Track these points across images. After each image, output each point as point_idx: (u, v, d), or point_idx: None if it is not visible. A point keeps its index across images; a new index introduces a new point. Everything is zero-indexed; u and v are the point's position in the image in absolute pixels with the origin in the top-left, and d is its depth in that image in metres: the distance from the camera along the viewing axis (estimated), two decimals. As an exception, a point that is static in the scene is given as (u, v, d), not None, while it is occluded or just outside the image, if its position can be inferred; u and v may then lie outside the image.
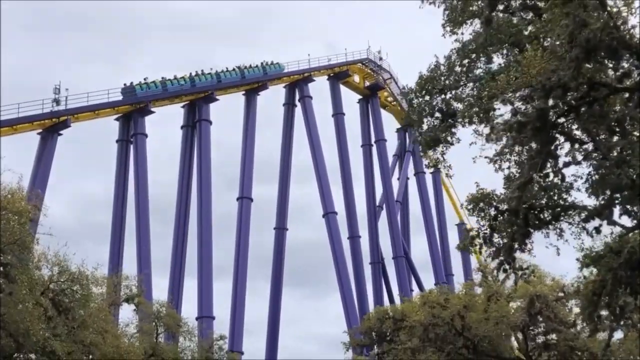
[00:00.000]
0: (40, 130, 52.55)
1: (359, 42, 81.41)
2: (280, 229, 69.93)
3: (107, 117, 58.24)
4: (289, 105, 72.26)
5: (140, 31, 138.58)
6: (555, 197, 16.35)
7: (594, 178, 15.42)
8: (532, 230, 16.38)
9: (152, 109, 59.02)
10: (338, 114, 74.52)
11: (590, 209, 15.81)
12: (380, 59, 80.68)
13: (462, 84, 16.59)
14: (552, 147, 13.46)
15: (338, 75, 75.76)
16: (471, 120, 15.97)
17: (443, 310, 32.39)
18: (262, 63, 68.16)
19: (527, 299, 30.82)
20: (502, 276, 33.68)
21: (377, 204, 77.34)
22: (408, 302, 40.57)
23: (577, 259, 17.77)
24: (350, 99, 79.96)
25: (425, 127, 17.80)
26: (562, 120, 13.13)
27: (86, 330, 24.13)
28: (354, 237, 70.87)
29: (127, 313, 34.70)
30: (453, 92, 16.65)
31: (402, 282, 73.06)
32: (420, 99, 17.32)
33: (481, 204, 16.79)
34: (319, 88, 75.59)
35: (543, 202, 16.33)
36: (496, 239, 16.93)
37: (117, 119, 59.45)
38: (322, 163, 68.57)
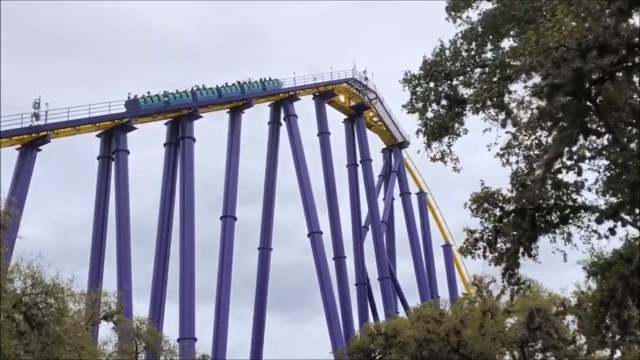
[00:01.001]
0: (19, 146, 51.15)
1: (343, 65, 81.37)
2: (265, 249, 68.59)
3: (88, 133, 57.06)
4: (274, 124, 71.35)
5: (123, 54, 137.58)
6: (565, 198, 15.41)
7: (609, 174, 14.48)
8: (539, 234, 15.36)
9: (135, 125, 57.88)
10: (323, 133, 73.71)
11: (603, 210, 14.82)
12: (366, 78, 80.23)
13: (469, 69, 15.61)
14: (585, 120, 12.36)
15: (323, 95, 75.10)
16: (484, 105, 14.97)
17: (438, 325, 31.22)
18: (261, 79, 68.10)
19: (527, 313, 29.74)
20: (497, 291, 32.86)
21: (363, 224, 76.34)
22: (398, 318, 39.26)
23: (584, 268, 16.81)
24: (336, 119, 79.38)
25: (430, 115, 16.68)
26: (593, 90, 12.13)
27: (61, 347, 22.74)
28: (339, 258, 69.70)
29: (106, 331, 33.31)
30: (461, 77, 15.63)
31: (388, 304, 71.80)
32: (425, 86, 16.26)
33: (485, 204, 15.79)
34: (304, 108, 75.01)
35: (551, 202, 15.34)
36: (499, 243, 15.85)
37: (98, 135, 58.17)
38: (308, 182, 67.56)
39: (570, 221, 15.75)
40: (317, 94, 74.74)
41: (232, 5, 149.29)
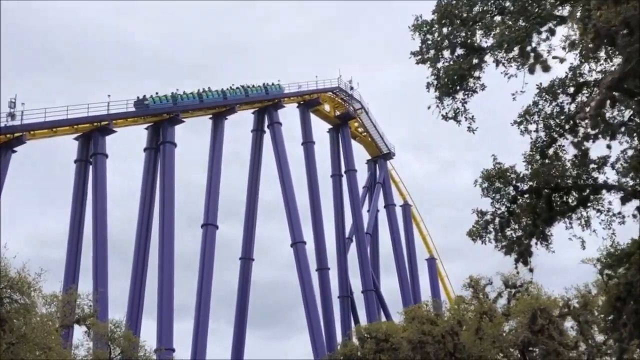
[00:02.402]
0: (-8, 146, 49.27)
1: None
2: (247, 259, 66.84)
3: (65, 136, 55.22)
4: (258, 132, 69.84)
5: (104, 68, 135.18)
6: (585, 176, 14.02)
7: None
8: (555, 217, 13.92)
9: (114, 129, 56.12)
10: (308, 142, 72.26)
11: (630, 188, 13.40)
12: (352, 88, 79.03)
13: (489, 15, 14.05)
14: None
15: (308, 103, 73.77)
16: (510, 48, 13.41)
17: (433, 327, 29.65)
18: (264, 84, 67.65)
19: (529, 314, 28.27)
20: (494, 294, 31.46)
21: (347, 236, 74.87)
22: (389, 322, 37.64)
23: (598, 259, 15.39)
24: (321, 129, 78.06)
25: (441, 65, 15.04)
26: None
27: (26, 346, 20.98)
28: (322, 270, 68.12)
29: (80, 335, 31.38)
30: (479, 23, 14.01)
31: (371, 317, 70.02)
32: (438, 32, 14.67)
33: (497, 183, 14.34)
34: (289, 117, 73.69)
35: (569, 182, 13.93)
36: (510, 230, 14.37)
37: (76, 138, 56.30)
38: (291, 191, 65.96)
39: (590, 204, 14.38)
40: (302, 102, 73.40)
41: (215, 21, 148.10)
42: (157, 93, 59.41)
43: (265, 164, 69.67)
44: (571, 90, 12.56)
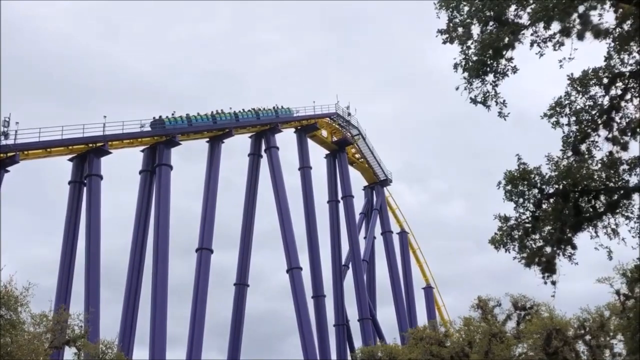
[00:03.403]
0: (-15, 165, 48.30)
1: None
2: (241, 285, 65.64)
3: (60, 156, 54.31)
4: (255, 156, 69.05)
5: (95, 95, 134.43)
6: (615, 179, 13.19)
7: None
8: (583, 223, 13.06)
9: (110, 150, 55.28)
10: (305, 168, 71.49)
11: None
12: (349, 114, 78.52)
13: None
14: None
15: (306, 128, 73.16)
16: (549, 21, 12.52)
17: (441, 348, 28.49)
18: (274, 107, 68.12)
19: (544, 334, 27.17)
20: (503, 316, 30.41)
21: (343, 262, 73.82)
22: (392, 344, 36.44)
23: (624, 274, 14.49)
24: (317, 154, 77.41)
25: (471, 43, 14.09)
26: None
27: (13, 365, 19.89)
28: (318, 297, 66.91)
29: (70, 357, 30.15)
30: None
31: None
32: (469, 6, 13.71)
33: (521, 186, 13.49)
34: (286, 143, 73.00)
35: (599, 184, 13.08)
36: (529, 241, 13.47)
37: (71, 159, 55.43)
38: (288, 216, 64.95)
39: (619, 210, 13.52)
40: (299, 127, 72.80)
41: (207, 50, 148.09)
42: (173, 113, 59.74)
43: (260, 192, 68.92)
44: (605, 81, 11.81)
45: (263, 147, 68.61)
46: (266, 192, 69.10)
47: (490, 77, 14.13)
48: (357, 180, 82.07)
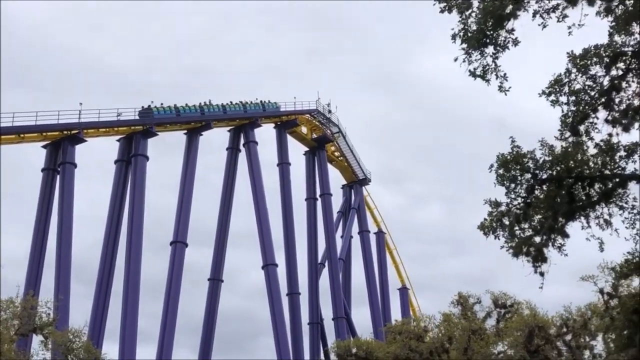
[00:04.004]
0: (-45, 149, 47.10)
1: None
2: (215, 280, 64.69)
3: (33, 143, 53.15)
4: (233, 150, 68.11)
5: (73, 89, 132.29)
6: (611, 165, 12.67)
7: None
8: (576, 211, 12.53)
9: (85, 138, 54.19)
10: (284, 164, 70.71)
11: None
12: (329, 111, 77.84)
13: None
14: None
15: (286, 124, 72.37)
16: None
17: (420, 343, 27.88)
18: (261, 101, 67.81)
19: (526, 331, 26.68)
20: (483, 313, 29.92)
21: (319, 261, 73.17)
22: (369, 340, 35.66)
23: (613, 269, 14.01)
24: (296, 151, 76.64)
25: (471, 14, 13.47)
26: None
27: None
28: (293, 295, 66.20)
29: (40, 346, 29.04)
30: None
31: (342, 346, 68.10)
32: None
33: (513, 170, 12.92)
34: (264, 140, 72.17)
35: (594, 170, 12.54)
36: (518, 230, 12.92)
37: (44, 146, 54.27)
38: (265, 212, 64.05)
39: (613, 199, 13.02)
40: (279, 122, 72.02)
41: (188, 47, 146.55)
42: (162, 104, 59.42)
43: (236, 190, 68.01)
44: (606, 60, 11.31)
45: (242, 141, 67.74)
46: (243, 190, 68.31)
47: (490, 50, 13.56)
48: (336, 179, 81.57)
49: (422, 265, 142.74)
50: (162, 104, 59.47)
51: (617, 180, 12.85)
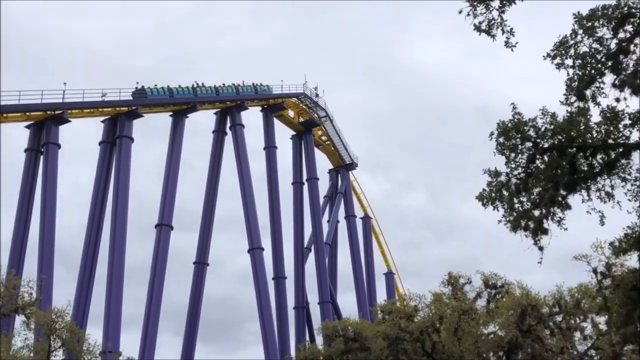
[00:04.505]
0: None
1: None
2: (201, 264, 64.15)
3: (16, 123, 52.26)
4: (219, 133, 67.40)
5: (59, 73, 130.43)
6: (615, 134, 12.27)
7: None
8: (578, 183, 12.12)
9: (69, 119, 53.36)
10: (270, 147, 70.12)
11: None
12: (317, 95, 77.25)
13: None
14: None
15: (272, 107, 71.73)
16: None
17: (410, 322, 27.49)
18: (253, 84, 67.84)
19: (518, 310, 26.35)
20: (473, 294, 29.58)
21: (305, 245, 72.79)
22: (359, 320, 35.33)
23: (612, 244, 13.63)
24: (283, 136, 76.11)
25: None
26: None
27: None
28: (279, 279, 65.83)
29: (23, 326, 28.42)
30: None
31: (327, 331, 67.83)
32: None
33: (514, 139, 12.49)
34: (250, 123, 71.42)
35: (598, 140, 12.12)
36: (517, 203, 12.51)
37: (28, 127, 53.41)
38: (251, 195, 63.50)
39: (616, 170, 12.63)
40: (265, 105, 71.35)
41: (170, 31, 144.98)
42: (155, 85, 59.32)
43: (222, 176, 67.36)
44: (614, 22, 10.89)
45: (228, 124, 67.05)
46: (229, 175, 67.69)
47: (496, 3, 13.04)
48: (323, 163, 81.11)
49: (407, 251, 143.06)
50: (155, 85, 59.27)
51: (621, 150, 12.49)
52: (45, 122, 52.50)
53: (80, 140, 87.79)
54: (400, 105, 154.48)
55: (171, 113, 62.08)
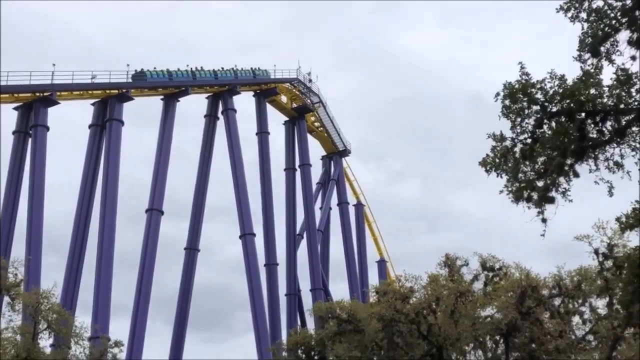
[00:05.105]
0: None
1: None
2: (192, 250, 63.43)
3: (4, 105, 51.33)
4: (211, 117, 66.58)
5: (49, 59, 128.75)
6: (627, 98, 11.65)
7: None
8: (587, 150, 11.51)
9: (58, 101, 52.51)
10: (262, 133, 69.34)
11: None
12: (310, 80, 76.40)
13: None
14: None
15: (265, 93, 70.94)
16: None
17: (405, 304, 26.82)
18: (251, 68, 67.57)
19: (518, 292, 25.69)
20: (470, 276, 29.01)
21: (298, 232, 72.17)
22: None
23: (617, 219, 13.03)
24: (276, 121, 75.33)
25: None
26: None
27: None
28: (270, 265, 65.22)
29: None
30: None
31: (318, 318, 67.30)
32: None
33: (520, 102, 11.85)
34: (242, 110, 70.60)
35: (610, 102, 11.50)
36: (520, 173, 11.88)
37: (16, 108, 52.52)
38: (243, 181, 62.75)
39: (627, 138, 12.02)
40: (258, 91, 70.55)
41: (163, 19, 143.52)
42: (154, 67, 59.09)
43: (213, 163, 66.52)
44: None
45: (220, 109, 66.22)
46: (220, 161, 66.87)
47: None
48: (316, 150, 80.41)
49: (398, 240, 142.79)
50: (154, 67, 58.92)
51: (633, 116, 11.87)
52: (33, 104, 51.63)
53: (70, 123, 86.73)
54: (393, 94, 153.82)
55: (162, 97, 61.19)
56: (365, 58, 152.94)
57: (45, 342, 28.71)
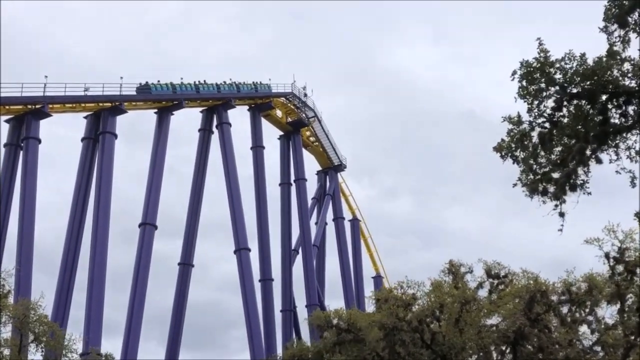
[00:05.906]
0: None
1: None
2: (186, 265, 62.42)
3: (-6, 117, 50.53)
4: (205, 131, 65.85)
5: (38, 77, 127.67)
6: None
7: None
8: (609, 135, 10.78)
9: (50, 113, 51.71)
10: (257, 147, 68.58)
11: None
12: (305, 95, 75.84)
13: None
14: None
15: (260, 107, 70.28)
16: None
17: (408, 312, 25.87)
18: (253, 82, 67.58)
19: (527, 297, 24.75)
20: (474, 283, 28.13)
21: (293, 247, 71.27)
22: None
23: (636, 214, 12.26)
24: (271, 135, 74.59)
25: None
26: None
27: None
28: (266, 281, 64.17)
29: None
30: None
31: (314, 333, 66.05)
32: None
33: (538, 82, 11.12)
34: (237, 125, 69.88)
35: (634, 84, 10.81)
36: (535, 165, 11.14)
37: (7, 121, 51.71)
38: (238, 195, 61.94)
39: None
40: (253, 105, 69.90)
41: (154, 38, 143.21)
42: (158, 81, 58.93)
43: (207, 180, 65.68)
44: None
45: (214, 123, 65.52)
46: (215, 177, 66.12)
47: None
48: (311, 165, 79.70)
49: (392, 257, 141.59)
50: (158, 80, 58.73)
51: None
52: (25, 117, 50.84)
53: (62, 136, 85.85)
54: (385, 110, 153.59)
55: (156, 110, 60.45)
56: (359, 74, 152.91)
57: (34, 355, 27.70)
